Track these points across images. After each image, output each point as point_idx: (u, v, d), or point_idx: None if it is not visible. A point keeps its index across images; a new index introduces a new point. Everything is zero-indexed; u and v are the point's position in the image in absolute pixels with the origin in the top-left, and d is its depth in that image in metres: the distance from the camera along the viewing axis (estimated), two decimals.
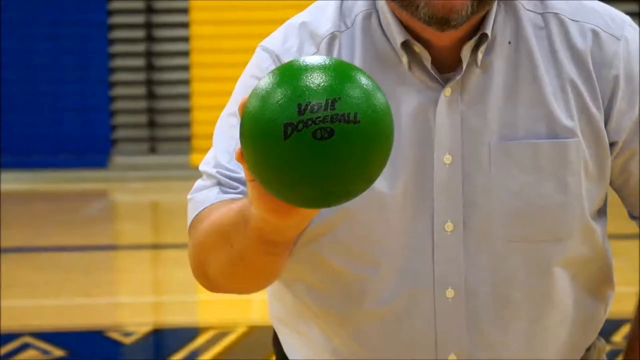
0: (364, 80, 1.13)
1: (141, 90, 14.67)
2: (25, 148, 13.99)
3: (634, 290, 1.61)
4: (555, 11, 1.49)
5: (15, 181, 13.25)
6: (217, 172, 1.48)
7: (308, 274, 1.52)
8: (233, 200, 1.43)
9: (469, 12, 1.38)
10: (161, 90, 14.73)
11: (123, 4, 14.76)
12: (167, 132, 14.61)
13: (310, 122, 1.09)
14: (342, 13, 1.51)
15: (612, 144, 1.48)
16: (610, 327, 3.84)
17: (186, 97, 14.51)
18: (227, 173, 1.47)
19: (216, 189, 1.47)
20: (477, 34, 1.44)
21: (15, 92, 14.12)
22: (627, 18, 1.52)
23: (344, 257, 1.48)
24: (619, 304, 1.77)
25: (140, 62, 14.71)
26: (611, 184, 1.53)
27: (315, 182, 1.11)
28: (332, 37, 1.49)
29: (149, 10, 14.71)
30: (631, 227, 1.61)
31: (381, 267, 1.47)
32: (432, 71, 1.45)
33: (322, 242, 1.48)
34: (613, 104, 1.47)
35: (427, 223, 1.46)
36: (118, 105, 14.67)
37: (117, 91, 14.68)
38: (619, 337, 4.18)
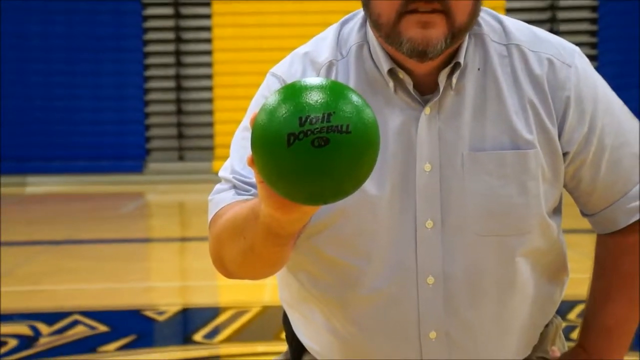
0: (355, 97, 1.13)
1: (171, 107, 14.69)
2: (71, 156, 14.01)
3: (586, 276, 1.61)
4: (516, 42, 1.48)
5: (64, 184, 13.27)
6: (233, 177, 1.48)
7: (309, 264, 1.51)
8: (246, 200, 1.43)
9: (442, 47, 1.38)
10: (188, 107, 14.74)
11: (156, 35, 14.78)
12: (193, 142, 14.62)
13: (309, 132, 1.09)
14: (339, 44, 1.51)
15: (565, 154, 1.48)
16: (565, 307, 3.84)
17: (209, 113, 14.53)
18: (242, 178, 1.47)
19: (232, 192, 1.47)
20: (451, 62, 1.44)
21: (64, 108, 14.15)
22: (577, 48, 1.52)
23: (340, 250, 1.47)
24: (573, 288, 1.76)
25: (170, 83, 14.72)
26: (565, 187, 1.53)
27: (313, 182, 1.11)
28: (330, 65, 1.49)
29: (178, 40, 14.73)
30: (584, 223, 1.61)
31: (372, 258, 1.47)
32: (414, 94, 1.45)
33: (321, 237, 1.47)
34: (566, 119, 1.47)
35: (410, 221, 1.45)
36: (152, 120, 14.68)
37: (151, 108, 14.70)
38: (573, 315, 4.17)
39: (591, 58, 14.35)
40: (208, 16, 14.68)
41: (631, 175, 1.51)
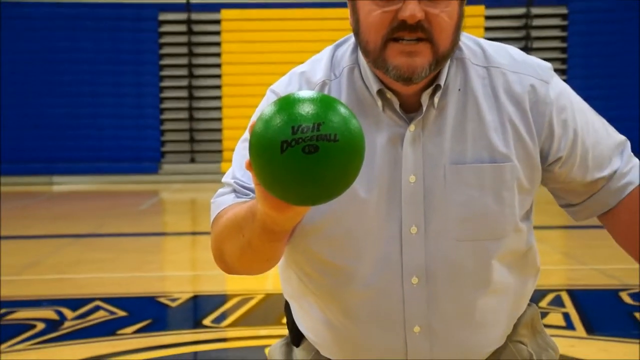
0: (342, 109, 1.13)
1: (184, 114, 14.72)
2: (94, 157, 14.03)
3: (556, 267, 1.59)
4: (496, 65, 1.47)
5: (87, 183, 13.28)
6: (234, 182, 1.48)
7: (305, 264, 1.51)
8: (245, 201, 1.43)
9: (427, 73, 1.38)
10: (199, 114, 14.76)
11: (170, 49, 14.81)
12: (204, 146, 14.65)
13: (300, 140, 1.10)
14: (332, 65, 1.50)
15: (557, 159, 1.48)
16: (537, 296, 3.84)
17: (219, 120, 14.56)
18: (241, 183, 1.47)
19: (232, 195, 1.48)
20: (433, 84, 1.43)
21: (88, 114, 14.19)
22: (549, 65, 1.52)
23: (332, 252, 1.46)
24: (544, 279, 1.75)
25: (183, 93, 14.75)
26: (557, 185, 1.52)
27: (304, 185, 1.12)
28: (323, 84, 1.48)
29: (191, 54, 14.75)
30: (554, 219, 1.59)
31: (362, 259, 1.46)
32: (400, 112, 1.44)
33: (315, 240, 1.46)
34: (553, 131, 1.46)
35: (396, 227, 1.44)
36: (166, 126, 14.71)
37: (166, 115, 14.73)
38: (544, 303, 4.17)
39: (561, 72, 14.40)
40: (217, 33, 14.72)
41: (609, 164, 1.50)
